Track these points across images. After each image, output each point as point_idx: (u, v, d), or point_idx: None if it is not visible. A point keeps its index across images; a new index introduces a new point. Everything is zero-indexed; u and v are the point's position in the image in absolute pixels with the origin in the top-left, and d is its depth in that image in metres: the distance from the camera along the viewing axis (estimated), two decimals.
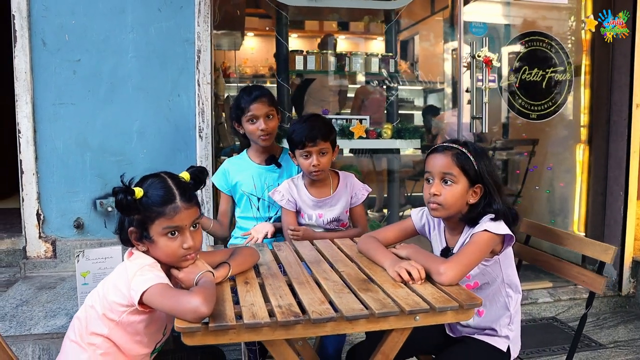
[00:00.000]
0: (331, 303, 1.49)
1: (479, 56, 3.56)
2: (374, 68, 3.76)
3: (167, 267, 1.58)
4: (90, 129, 3.06)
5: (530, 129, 4.21)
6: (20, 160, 3.02)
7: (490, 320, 1.83)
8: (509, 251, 1.81)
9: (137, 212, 1.49)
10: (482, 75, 3.55)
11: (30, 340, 2.27)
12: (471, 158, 1.74)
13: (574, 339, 1.91)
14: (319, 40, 4.96)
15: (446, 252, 1.85)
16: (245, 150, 2.60)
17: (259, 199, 2.50)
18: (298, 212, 2.40)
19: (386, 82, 3.93)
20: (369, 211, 4.69)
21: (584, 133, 4.00)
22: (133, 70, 3.07)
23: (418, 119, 5.53)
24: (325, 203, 2.38)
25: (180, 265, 1.56)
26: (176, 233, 1.52)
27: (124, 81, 3.07)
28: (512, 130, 4.38)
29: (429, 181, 1.79)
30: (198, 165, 1.69)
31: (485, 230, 1.68)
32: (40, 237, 3.08)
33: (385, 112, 4.02)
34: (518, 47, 3.74)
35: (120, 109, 3.08)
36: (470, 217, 1.76)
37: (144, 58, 3.08)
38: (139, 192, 1.48)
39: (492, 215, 1.72)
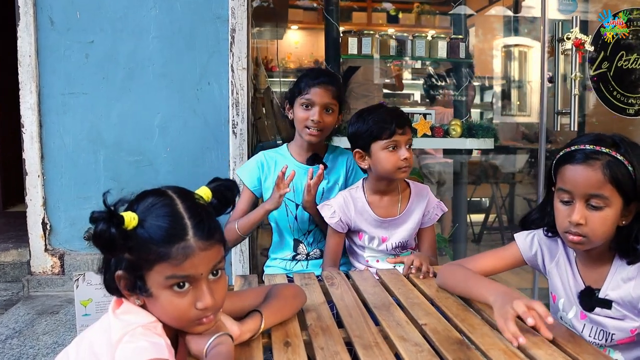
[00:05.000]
0: None
1: (567, 38, 2.95)
2: (441, 53, 3.15)
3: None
4: (104, 123, 2.67)
5: (613, 129, 3.57)
6: (24, 160, 2.61)
7: None
8: None
9: (128, 250, 0.96)
10: (572, 62, 2.94)
11: None
12: (628, 167, 1.18)
13: None
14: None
15: (589, 296, 1.29)
16: (285, 145, 2.13)
17: (297, 205, 1.99)
18: (354, 233, 1.86)
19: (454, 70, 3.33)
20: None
21: None
22: (155, 53, 2.66)
23: (475, 117, 4.94)
24: (392, 223, 1.82)
25: (193, 331, 1.03)
26: (186, 285, 0.98)
27: (144, 66, 2.67)
28: (591, 129, 3.75)
29: (566, 202, 1.23)
30: (219, 174, 1.12)
31: None
32: (46, 249, 2.65)
33: (453, 107, 3.43)
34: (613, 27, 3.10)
35: (140, 100, 2.67)
36: (622, 241, 1.25)
37: (168, 39, 2.66)
38: (130, 219, 0.94)
39: None
